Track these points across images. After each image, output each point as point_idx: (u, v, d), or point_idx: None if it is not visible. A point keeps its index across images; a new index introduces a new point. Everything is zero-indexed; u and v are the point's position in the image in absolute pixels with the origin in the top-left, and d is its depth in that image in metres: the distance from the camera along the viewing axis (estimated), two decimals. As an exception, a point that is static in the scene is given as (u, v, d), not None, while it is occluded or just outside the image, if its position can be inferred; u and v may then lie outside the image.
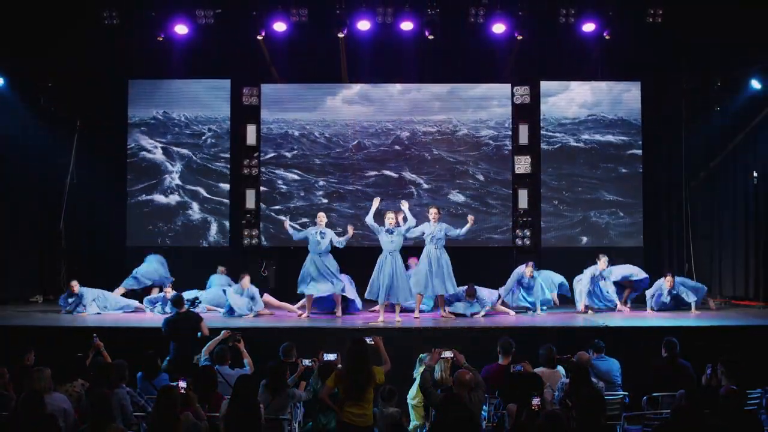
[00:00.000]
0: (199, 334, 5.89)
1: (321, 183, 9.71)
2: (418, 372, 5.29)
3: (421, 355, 5.36)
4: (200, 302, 7.88)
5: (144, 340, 6.26)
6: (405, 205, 7.39)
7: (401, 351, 5.77)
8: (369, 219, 7.30)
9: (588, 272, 8.04)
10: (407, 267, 7.69)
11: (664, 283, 8.07)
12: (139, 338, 6.45)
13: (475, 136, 9.75)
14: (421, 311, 7.68)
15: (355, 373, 4.20)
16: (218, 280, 8.48)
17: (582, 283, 8.04)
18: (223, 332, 5.49)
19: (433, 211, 7.47)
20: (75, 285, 7.81)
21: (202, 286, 8.45)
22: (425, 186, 9.71)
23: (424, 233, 7.47)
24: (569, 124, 9.79)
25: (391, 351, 4.88)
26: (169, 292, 7.66)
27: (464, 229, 7.44)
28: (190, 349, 5.63)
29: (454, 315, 7.54)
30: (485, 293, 7.73)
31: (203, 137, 9.71)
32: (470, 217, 7.54)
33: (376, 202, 7.42)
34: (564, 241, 9.70)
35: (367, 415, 4.24)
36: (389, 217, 7.27)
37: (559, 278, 8.38)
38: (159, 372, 5.09)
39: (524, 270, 7.99)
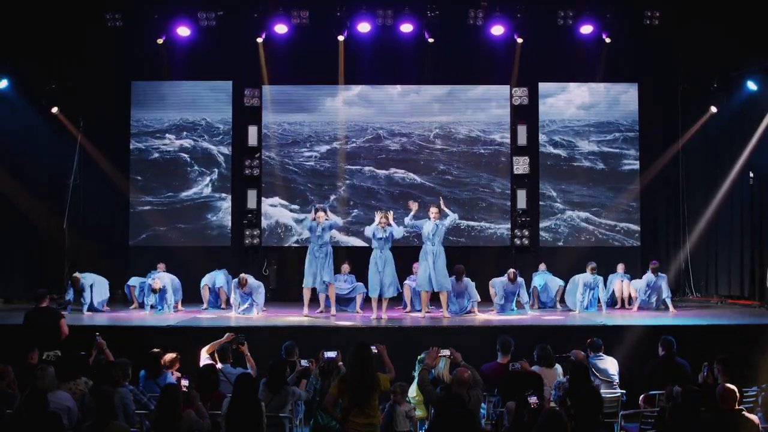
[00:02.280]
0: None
1: (321, 183, 9.76)
2: (418, 372, 5.30)
3: (420, 356, 5.38)
4: (70, 302, 7.90)
5: (146, 339, 6.33)
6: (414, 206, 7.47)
7: (402, 350, 5.82)
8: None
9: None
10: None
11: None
12: (141, 337, 6.51)
13: (473, 137, 9.81)
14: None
15: (359, 378, 4.05)
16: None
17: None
18: (226, 335, 5.46)
19: (433, 210, 7.51)
20: (78, 276, 7.94)
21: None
22: (424, 186, 9.76)
23: (425, 230, 7.50)
24: (567, 125, 9.85)
25: (390, 350, 4.92)
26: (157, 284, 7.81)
27: (452, 215, 7.55)
28: (45, 344, 5.55)
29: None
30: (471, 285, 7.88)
31: (205, 138, 9.76)
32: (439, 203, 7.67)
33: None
34: (561, 240, 9.76)
35: (374, 424, 4.07)
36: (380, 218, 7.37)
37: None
38: (161, 371, 5.13)
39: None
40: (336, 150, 9.81)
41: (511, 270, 8.10)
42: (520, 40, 9.25)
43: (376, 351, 4.52)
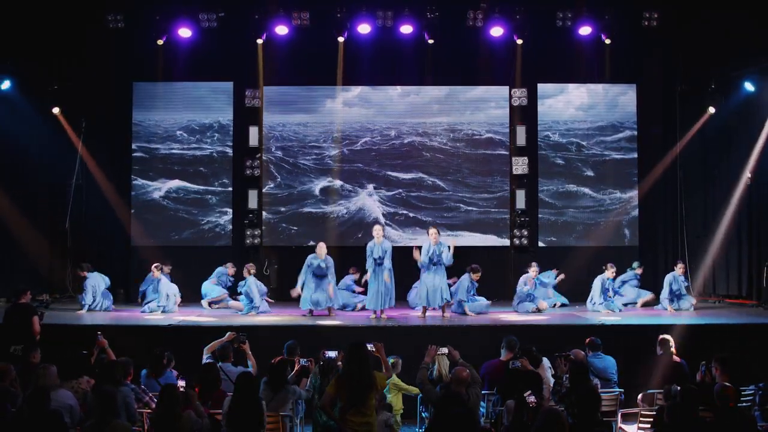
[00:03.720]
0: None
1: (321, 183, 9.80)
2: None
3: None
4: (51, 302, 7.92)
5: (149, 338, 6.37)
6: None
7: (402, 350, 5.85)
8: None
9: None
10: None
11: (677, 272, 8.21)
12: (144, 336, 6.54)
13: (473, 137, 9.85)
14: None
15: (355, 378, 4.06)
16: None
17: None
18: (228, 334, 5.51)
19: (432, 232, 7.57)
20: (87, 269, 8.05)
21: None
22: (423, 186, 9.80)
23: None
24: (566, 125, 9.89)
25: (389, 349, 4.94)
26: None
27: (449, 257, 7.54)
28: (17, 340, 5.60)
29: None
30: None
31: (206, 138, 9.79)
32: (452, 242, 7.71)
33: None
34: (560, 240, 9.80)
35: (370, 423, 4.08)
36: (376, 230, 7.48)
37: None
38: (164, 370, 5.15)
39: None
40: (336, 151, 9.83)
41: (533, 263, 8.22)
42: (519, 41, 9.29)
43: (373, 349, 4.56)
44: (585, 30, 9.22)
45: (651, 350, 5.62)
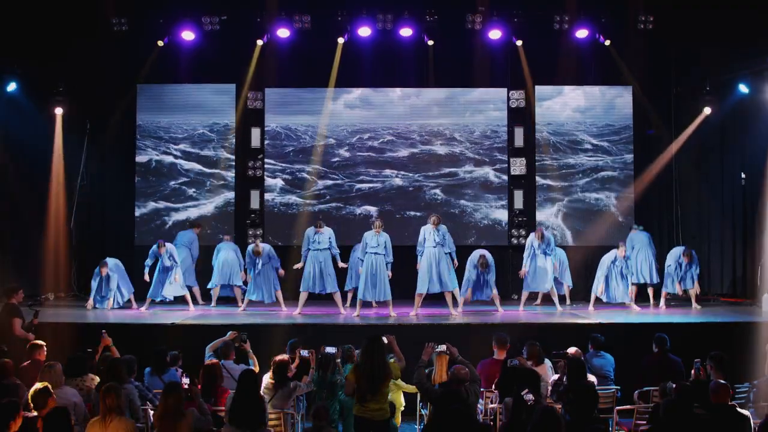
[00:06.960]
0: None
1: (322, 185, 9.88)
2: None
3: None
4: (43, 302, 7.97)
5: (152, 337, 6.44)
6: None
7: (402, 348, 5.91)
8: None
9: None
10: None
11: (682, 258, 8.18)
12: (147, 334, 6.61)
13: (471, 138, 9.94)
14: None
15: (372, 368, 4.35)
16: (226, 246, 8.75)
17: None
18: (229, 333, 5.58)
19: (433, 219, 7.68)
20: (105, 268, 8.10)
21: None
22: (423, 187, 9.88)
23: (424, 239, 7.64)
24: (563, 127, 9.99)
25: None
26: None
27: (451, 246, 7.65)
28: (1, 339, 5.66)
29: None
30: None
31: (209, 140, 9.87)
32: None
33: None
34: (558, 240, 9.88)
35: (384, 409, 4.44)
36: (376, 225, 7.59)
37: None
38: (167, 368, 5.22)
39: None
40: (336, 152, 9.91)
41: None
42: (519, 43, 9.38)
43: (386, 341, 4.70)
44: (582, 33, 9.33)
45: (647, 348, 5.70)
